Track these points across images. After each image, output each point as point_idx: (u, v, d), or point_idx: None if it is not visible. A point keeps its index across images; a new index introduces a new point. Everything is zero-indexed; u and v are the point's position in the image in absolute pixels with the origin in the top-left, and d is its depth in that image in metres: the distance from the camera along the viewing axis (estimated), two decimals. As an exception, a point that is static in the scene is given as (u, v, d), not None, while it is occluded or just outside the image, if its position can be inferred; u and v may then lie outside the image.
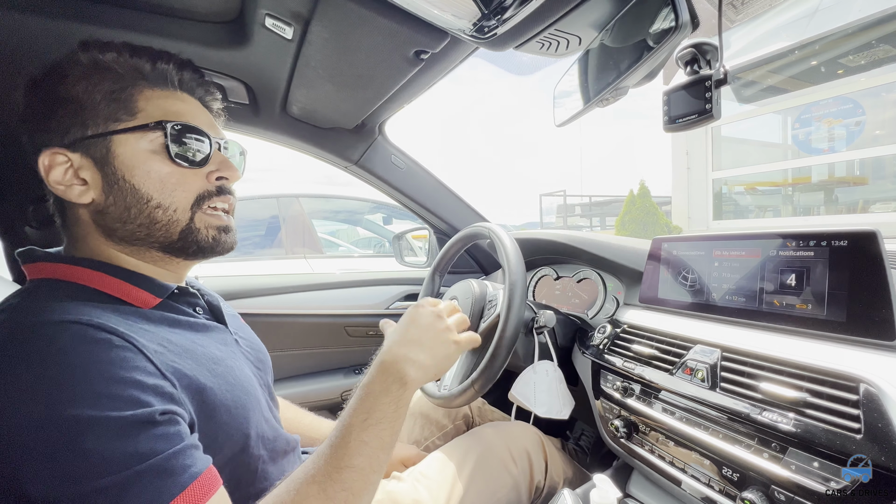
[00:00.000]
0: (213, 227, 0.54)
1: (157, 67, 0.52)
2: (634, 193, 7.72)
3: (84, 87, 0.48)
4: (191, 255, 0.54)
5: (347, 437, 0.47)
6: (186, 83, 0.55)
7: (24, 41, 0.73)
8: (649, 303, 0.84)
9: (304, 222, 3.08)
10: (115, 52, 0.50)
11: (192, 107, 0.54)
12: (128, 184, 0.49)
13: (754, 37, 5.68)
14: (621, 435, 0.74)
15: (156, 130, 0.50)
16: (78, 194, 0.49)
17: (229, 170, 0.55)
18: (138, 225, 0.50)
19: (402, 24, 0.69)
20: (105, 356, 0.39)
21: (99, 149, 0.49)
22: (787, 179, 6.33)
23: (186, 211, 0.52)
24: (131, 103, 0.50)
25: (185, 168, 0.51)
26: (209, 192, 0.53)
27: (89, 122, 0.48)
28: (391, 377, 0.53)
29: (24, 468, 0.34)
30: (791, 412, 0.52)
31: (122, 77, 0.50)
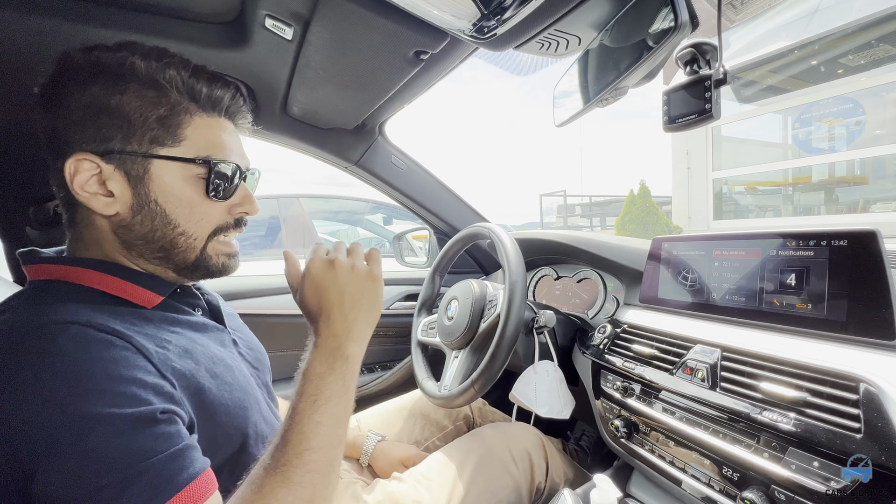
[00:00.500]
0: (224, 255, 0.55)
1: (212, 94, 0.52)
2: (635, 193, 7.72)
3: (138, 104, 0.47)
4: (196, 276, 0.55)
5: (301, 422, 0.46)
6: (234, 111, 0.55)
7: (24, 41, 0.73)
8: (649, 303, 0.84)
9: (305, 223, 3.09)
10: (175, 70, 0.49)
11: (231, 136, 0.54)
12: (160, 207, 0.49)
13: (754, 36, 5.68)
14: (621, 435, 0.74)
15: (201, 166, 0.50)
16: (103, 205, 0.48)
17: (251, 205, 0.56)
18: (160, 246, 0.51)
19: (401, 25, 0.69)
20: (106, 355, 0.39)
21: (136, 167, 0.48)
22: (788, 179, 6.33)
23: (203, 240, 0.53)
24: (178, 129, 0.49)
25: (213, 201, 0.52)
26: (227, 224, 0.54)
27: (133, 138, 0.48)
28: (332, 356, 0.50)
29: (28, 465, 0.35)
30: (791, 412, 0.52)
31: (176, 102, 0.49)
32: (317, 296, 0.54)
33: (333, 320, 0.52)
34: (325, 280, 0.54)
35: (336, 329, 0.52)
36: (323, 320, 0.53)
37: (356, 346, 0.52)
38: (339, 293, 0.53)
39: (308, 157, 1.26)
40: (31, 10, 0.69)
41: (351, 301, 0.53)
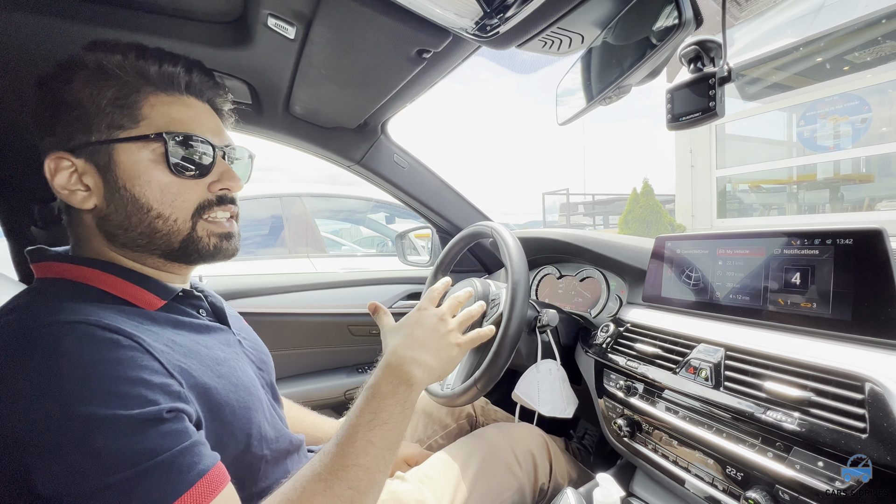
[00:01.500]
0: (215, 235, 0.54)
1: (163, 71, 0.51)
2: (638, 192, 7.70)
3: (89, 92, 0.48)
4: (192, 261, 0.54)
5: (354, 437, 0.48)
6: (194, 86, 0.54)
7: (27, 41, 0.73)
8: (653, 301, 0.84)
9: (308, 221, 3.09)
10: (121, 55, 0.49)
11: (197, 112, 0.53)
12: (128, 192, 0.49)
13: (759, 33, 5.65)
14: (624, 434, 0.74)
15: (157, 141, 0.49)
16: (81, 200, 0.49)
17: (231, 180, 0.54)
18: (139, 233, 0.50)
19: (404, 24, 0.69)
20: (113, 355, 0.39)
21: (102, 156, 0.48)
22: (792, 177, 6.30)
23: (187, 221, 0.51)
24: (135, 110, 0.49)
25: (186, 178, 0.51)
26: (209, 202, 0.53)
27: (93, 127, 0.48)
28: (398, 379, 0.53)
29: (34, 465, 0.35)
30: (795, 411, 0.52)
31: (127, 83, 0.49)
32: (401, 324, 0.61)
33: (407, 347, 0.56)
34: (427, 321, 0.60)
35: (407, 355, 0.55)
36: (398, 343, 0.57)
37: (422, 375, 0.55)
38: (430, 334, 0.59)
39: (310, 156, 1.26)
40: (36, 11, 0.69)
41: (435, 346, 0.58)
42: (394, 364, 0.55)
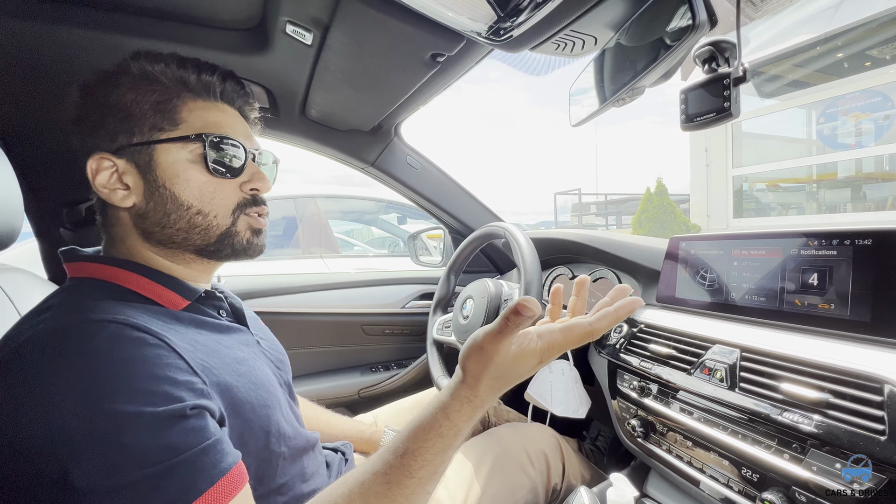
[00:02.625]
0: (251, 230, 0.56)
1: (201, 79, 0.54)
2: (651, 191, 7.60)
3: (133, 96, 0.51)
4: (223, 257, 0.56)
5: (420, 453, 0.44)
6: (227, 94, 0.57)
7: (63, 53, 0.76)
8: (667, 302, 0.84)
9: (321, 222, 3.13)
10: (163, 64, 0.52)
11: (230, 118, 0.56)
12: (168, 191, 0.51)
13: (777, 30, 5.53)
14: (638, 434, 0.74)
15: (196, 142, 0.52)
16: (121, 198, 0.51)
17: (261, 181, 0.57)
18: (177, 229, 0.52)
19: (418, 28, 0.70)
20: (140, 353, 0.41)
21: (143, 156, 0.51)
22: (812, 176, 6.15)
23: (227, 217, 0.54)
24: (175, 114, 0.52)
25: (221, 178, 0.54)
26: (246, 201, 0.56)
27: (136, 130, 0.51)
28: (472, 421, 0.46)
29: (67, 458, 0.36)
30: (813, 413, 0.51)
31: (168, 88, 0.52)
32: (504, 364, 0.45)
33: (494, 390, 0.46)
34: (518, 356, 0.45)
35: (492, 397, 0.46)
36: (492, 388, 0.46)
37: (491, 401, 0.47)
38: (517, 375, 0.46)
39: (322, 157, 1.28)
40: (65, 22, 0.72)
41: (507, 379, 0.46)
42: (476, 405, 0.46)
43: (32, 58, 0.78)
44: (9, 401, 0.38)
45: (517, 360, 0.45)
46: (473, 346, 0.45)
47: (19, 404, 0.38)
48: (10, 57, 0.77)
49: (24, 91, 0.86)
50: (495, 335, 0.44)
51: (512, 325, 0.43)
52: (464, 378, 0.46)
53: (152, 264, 0.53)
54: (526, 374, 0.47)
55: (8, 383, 0.39)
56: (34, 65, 0.80)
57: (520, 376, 0.46)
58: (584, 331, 0.46)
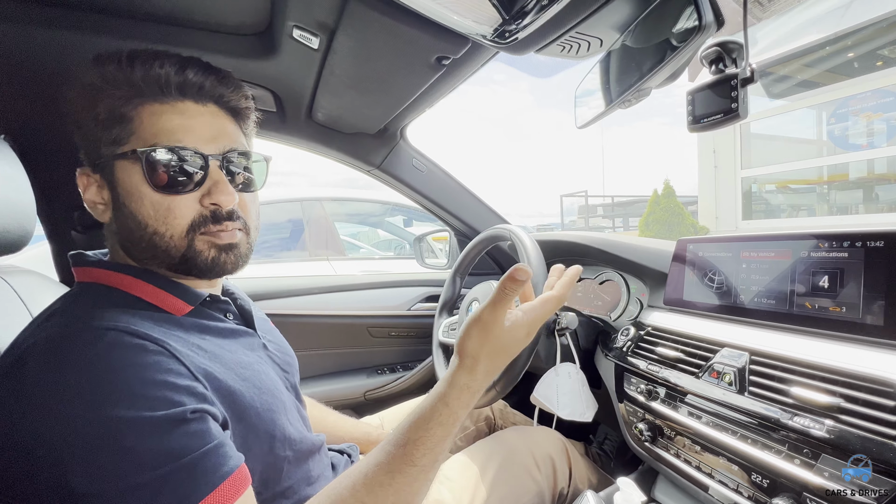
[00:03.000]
0: (215, 248, 0.51)
1: (151, 75, 0.47)
2: (658, 193, 7.55)
3: (86, 110, 0.48)
4: (195, 275, 0.52)
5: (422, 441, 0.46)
6: (191, 87, 0.49)
7: (64, 57, 0.78)
8: (674, 305, 0.83)
9: (327, 225, 3.14)
10: (115, 64, 0.47)
11: (190, 118, 0.49)
12: (127, 208, 0.49)
13: (785, 30, 5.48)
14: (645, 438, 0.73)
15: (137, 157, 0.47)
16: (100, 213, 0.51)
17: (221, 194, 0.49)
18: (143, 248, 0.50)
19: (423, 32, 0.70)
20: (140, 360, 0.41)
21: (106, 171, 0.49)
22: (823, 177, 6.06)
23: (182, 238, 0.49)
24: (129, 124, 0.48)
25: (173, 194, 0.48)
26: (204, 218, 0.50)
27: (101, 143, 0.48)
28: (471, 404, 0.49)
29: (69, 463, 0.36)
30: (824, 418, 0.51)
31: (115, 95, 0.47)
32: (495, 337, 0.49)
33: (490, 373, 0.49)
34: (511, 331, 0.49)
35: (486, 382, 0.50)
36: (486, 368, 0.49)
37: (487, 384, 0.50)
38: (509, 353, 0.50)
39: (328, 160, 1.29)
40: (77, 29, 0.74)
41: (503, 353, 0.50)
42: (474, 390, 0.48)
43: (46, 64, 0.80)
44: (13, 406, 0.39)
45: (510, 332, 0.49)
46: (472, 322, 0.49)
47: (23, 410, 0.38)
48: (22, 63, 0.79)
49: (37, 97, 0.87)
50: (493, 305, 0.47)
51: (509, 291, 0.47)
52: (461, 362, 0.49)
53: (155, 270, 0.53)
54: (517, 347, 0.51)
55: (12, 389, 0.39)
56: (48, 71, 0.81)
57: (512, 349, 0.50)
58: (556, 298, 0.52)
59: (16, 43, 0.75)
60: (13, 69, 0.81)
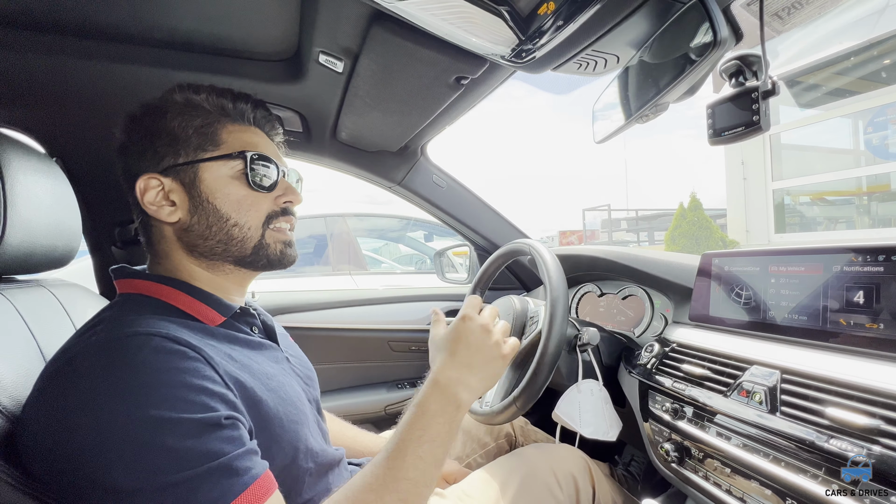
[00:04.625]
0: (280, 242, 0.60)
1: (237, 107, 0.60)
2: (685, 206, 7.36)
3: (179, 122, 0.56)
4: (260, 267, 0.60)
5: (404, 451, 0.50)
6: (259, 120, 0.62)
7: (112, 86, 0.85)
8: (700, 321, 0.81)
9: (350, 240, 3.21)
10: (204, 93, 0.58)
11: (263, 140, 0.62)
12: (211, 205, 0.56)
13: (813, 39, 5.34)
14: (672, 459, 0.71)
15: (237, 159, 0.57)
16: (167, 214, 0.56)
17: (293, 194, 0.62)
18: (217, 241, 0.56)
19: (442, 54, 0.73)
20: (180, 365, 0.44)
21: (188, 174, 0.56)
22: (862, 188, 5.80)
23: (259, 228, 0.58)
24: (216, 136, 0.57)
25: (258, 192, 0.58)
26: (276, 213, 0.60)
27: (181, 151, 0.56)
28: (445, 399, 0.56)
29: (112, 460, 0.39)
30: (863, 441, 0.48)
31: (209, 114, 0.58)
32: (447, 339, 0.62)
33: (453, 367, 0.59)
34: (473, 336, 0.61)
35: (453, 377, 0.58)
36: (445, 362, 0.59)
37: (468, 396, 0.57)
38: (476, 353, 0.60)
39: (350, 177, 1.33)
40: (117, 59, 0.80)
41: (480, 364, 0.60)
42: (441, 384, 0.57)
43: (92, 91, 0.87)
44: (62, 403, 0.42)
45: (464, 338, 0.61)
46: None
47: (71, 411, 0.41)
48: (73, 92, 0.86)
49: (84, 123, 0.95)
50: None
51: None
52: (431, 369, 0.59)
53: (194, 280, 0.57)
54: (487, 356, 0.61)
55: (62, 392, 0.42)
56: (94, 98, 0.88)
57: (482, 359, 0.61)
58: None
59: (67, 75, 0.82)
60: (65, 98, 0.88)
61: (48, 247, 0.63)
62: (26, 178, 0.58)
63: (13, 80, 0.82)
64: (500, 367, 0.62)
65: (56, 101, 0.89)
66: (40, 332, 0.57)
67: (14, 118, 0.92)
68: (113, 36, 0.78)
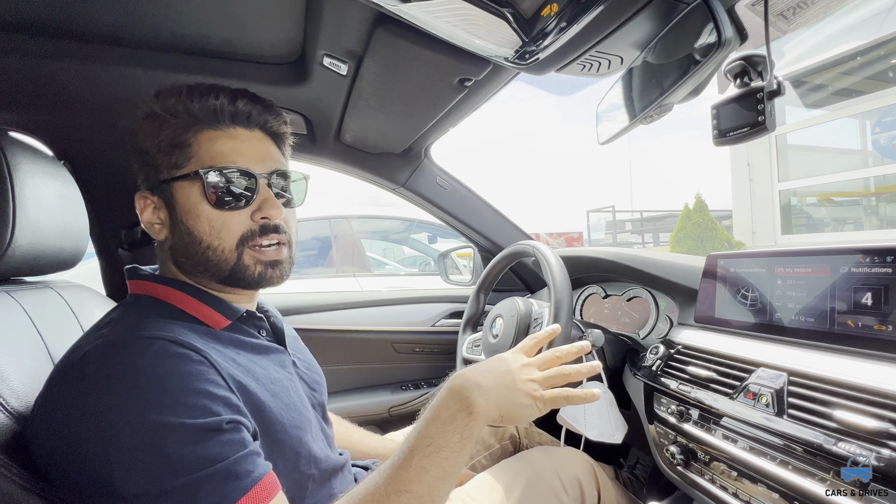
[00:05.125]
0: (261, 263, 0.55)
1: (208, 105, 0.53)
2: (690, 208, 7.32)
3: (151, 138, 0.53)
4: (244, 287, 0.56)
5: (409, 461, 0.47)
6: (241, 115, 0.55)
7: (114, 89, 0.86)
8: (706, 323, 0.80)
9: (354, 242, 3.22)
10: (175, 97, 0.53)
11: (242, 142, 0.54)
12: (185, 226, 0.53)
13: (819, 39, 5.30)
14: (678, 462, 0.70)
15: (196, 179, 0.52)
16: (157, 231, 0.56)
17: (271, 209, 0.54)
18: (196, 262, 0.54)
19: (446, 55, 0.73)
20: (183, 369, 0.44)
21: (166, 193, 0.54)
22: (870, 189, 5.74)
23: (233, 251, 0.53)
24: (188, 149, 0.53)
25: (228, 210, 0.53)
26: (253, 232, 0.54)
27: (160, 168, 0.53)
28: (458, 403, 0.52)
29: (114, 465, 0.39)
30: (872, 444, 0.47)
31: (177, 124, 0.53)
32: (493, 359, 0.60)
33: (475, 371, 0.56)
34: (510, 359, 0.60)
35: (472, 378, 0.54)
36: (468, 369, 0.57)
37: (484, 406, 0.52)
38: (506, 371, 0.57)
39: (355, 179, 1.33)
40: (123, 63, 0.81)
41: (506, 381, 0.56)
42: (456, 387, 0.53)
43: (99, 96, 0.88)
44: (68, 410, 0.42)
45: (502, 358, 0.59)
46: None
47: (76, 414, 0.41)
48: (80, 95, 0.87)
49: (91, 126, 0.96)
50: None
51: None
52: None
53: (198, 286, 0.57)
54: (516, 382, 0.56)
55: (68, 394, 0.43)
56: (101, 102, 0.89)
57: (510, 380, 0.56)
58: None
59: (75, 79, 0.83)
60: (73, 102, 0.89)
61: (56, 249, 0.63)
62: (35, 181, 0.59)
63: (23, 84, 0.83)
64: (528, 404, 0.56)
65: (64, 105, 0.90)
66: (48, 333, 0.58)
67: (23, 122, 0.93)
68: (119, 41, 0.79)
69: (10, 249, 0.55)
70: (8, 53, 0.75)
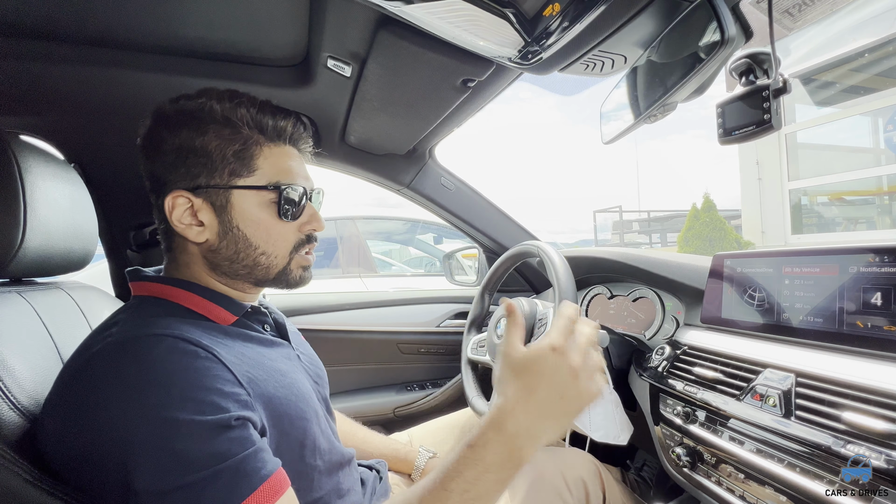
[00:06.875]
0: (301, 267, 0.61)
1: (276, 125, 0.57)
2: (698, 207, 7.25)
3: (217, 143, 0.54)
4: (278, 287, 0.61)
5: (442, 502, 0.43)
6: (294, 137, 0.60)
7: (125, 92, 0.87)
8: (712, 323, 0.80)
9: (360, 243, 3.23)
10: (245, 108, 0.55)
11: (295, 160, 0.60)
12: (241, 232, 0.55)
13: (827, 36, 5.23)
14: (684, 464, 0.70)
15: (272, 191, 0.56)
16: (195, 234, 0.55)
17: (318, 222, 0.61)
18: (243, 265, 0.57)
19: (449, 56, 0.73)
20: (192, 365, 0.44)
21: (220, 198, 0.55)
22: (882, 187, 5.64)
23: (286, 257, 0.58)
24: (252, 161, 0.55)
25: (288, 223, 0.58)
26: (302, 241, 0.60)
27: (216, 173, 0.54)
28: (509, 454, 0.45)
29: (123, 462, 0.40)
30: (881, 446, 0.47)
31: (247, 137, 0.55)
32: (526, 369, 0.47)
33: (529, 413, 0.45)
34: (562, 378, 0.46)
35: (527, 427, 0.45)
36: (519, 402, 0.46)
37: (531, 454, 0.45)
38: (549, 384, 0.46)
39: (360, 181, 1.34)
40: (132, 67, 0.83)
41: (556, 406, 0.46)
42: (509, 433, 0.45)
43: (109, 99, 0.89)
44: (78, 408, 0.43)
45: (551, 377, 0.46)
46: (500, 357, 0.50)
47: (86, 412, 0.42)
48: (89, 99, 0.89)
49: (101, 128, 0.97)
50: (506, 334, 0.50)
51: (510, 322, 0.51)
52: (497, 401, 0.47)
53: (209, 286, 0.57)
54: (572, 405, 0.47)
55: (79, 391, 0.44)
56: (110, 105, 0.91)
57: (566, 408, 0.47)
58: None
59: (84, 83, 0.85)
60: (82, 106, 0.91)
61: (66, 250, 0.64)
62: (45, 184, 0.60)
63: (33, 88, 0.84)
64: (584, 403, 0.48)
65: (74, 108, 0.92)
66: (58, 333, 0.59)
67: (34, 125, 0.95)
68: (127, 45, 0.80)
69: (21, 251, 0.56)
70: (20, 59, 0.77)
